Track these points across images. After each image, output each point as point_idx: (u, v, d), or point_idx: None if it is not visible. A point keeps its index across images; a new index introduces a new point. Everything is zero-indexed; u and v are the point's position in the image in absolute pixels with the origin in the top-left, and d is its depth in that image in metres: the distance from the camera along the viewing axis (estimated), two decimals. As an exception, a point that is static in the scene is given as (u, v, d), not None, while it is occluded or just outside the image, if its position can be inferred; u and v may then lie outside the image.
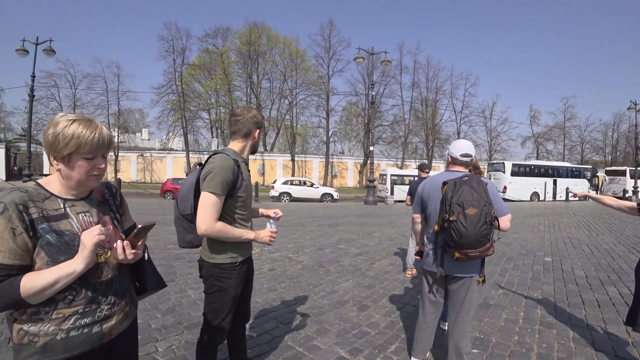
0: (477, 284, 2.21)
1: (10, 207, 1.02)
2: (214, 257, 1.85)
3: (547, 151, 45.37)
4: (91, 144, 1.11)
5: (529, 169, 26.01)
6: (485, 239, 1.99)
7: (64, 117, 1.12)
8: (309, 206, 16.84)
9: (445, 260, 2.17)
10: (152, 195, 20.94)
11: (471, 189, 2.02)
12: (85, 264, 1.06)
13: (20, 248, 1.02)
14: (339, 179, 40.84)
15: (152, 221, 1.26)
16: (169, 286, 4.12)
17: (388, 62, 20.32)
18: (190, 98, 38.45)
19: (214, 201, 1.71)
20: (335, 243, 7.24)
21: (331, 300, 3.95)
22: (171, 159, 38.32)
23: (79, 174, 1.13)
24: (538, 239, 8.19)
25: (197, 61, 39.09)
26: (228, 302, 1.88)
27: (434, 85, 42.14)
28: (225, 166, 1.75)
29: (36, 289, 1.00)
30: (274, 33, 40.98)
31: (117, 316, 1.23)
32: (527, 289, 4.49)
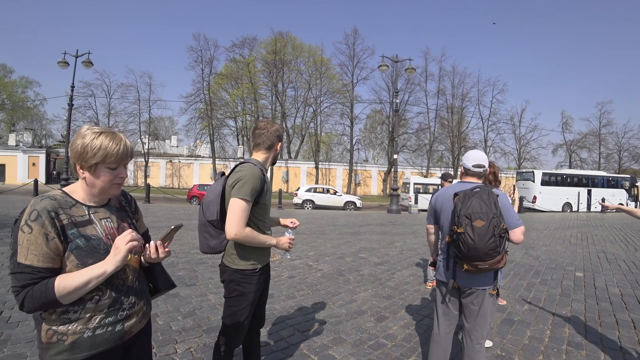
0: (490, 297, 2.15)
1: (43, 214, 1.09)
2: (236, 263, 1.93)
3: (580, 159, 43.13)
4: (116, 155, 1.20)
5: (560, 178, 24.88)
6: (495, 251, 1.95)
7: (90, 129, 1.21)
8: (332, 214, 16.82)
9: (457, 272, 2.14)
10: (179, 201, 21.55)
11: (480, 201, 2.00)
12: (116, 266, 1.14)
13: (53, 252, 1.09)
14: (362, 187, 40.64)
15: (180, 222, 1.35)
16: (190, 290, 4.26)
17: (413, 69, 20.17)
18: (217, 106, 39.55)
19: (244, 207, 1.81)
20: (356, 252, 7.19)
21: (349, 309, 3.92)
22: (198, 165, 39.40)
23: (103, 182, 1.22)
24: (569, 253, 7.82)
25: (225, 70, 40.28)
26: (247, 306, 1.95)
27: (460, 92, 41.40)
28: (254, 174, 1.86)
29: (70, 289, 1.08)
30: (299, 42, 41.72)
31: (136, 315, 1.32)
32: (555, 305, 4.29)
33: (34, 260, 1.06)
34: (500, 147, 41.77)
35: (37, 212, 1.09)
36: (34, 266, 1.06)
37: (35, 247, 1.06)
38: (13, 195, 19.58)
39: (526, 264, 6.50)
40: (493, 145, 41.58)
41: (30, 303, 1.05)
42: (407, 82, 38.89)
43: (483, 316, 2.15)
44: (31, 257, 1.06)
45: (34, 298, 1.05)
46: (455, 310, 2.28)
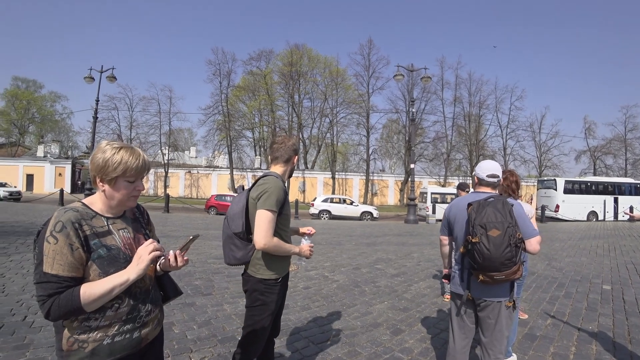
0: (507, 309, 2.09)
1: (68, 225, 1.14)
2: (260, 272, 1.99)
3: (606, 166, 41.41)
4: (135, 169, 1.26)
5: (584, 185, 23.95)
6: (511, 261, 1.91)
7: (110, 145, 1.27)
8: (348, 224, 16.73)
9: (472, 283, 2.09)
10: (197, 210, 21.90)
11: (495, 210, 1.97)
12: (138, 274, 1.19)
13: (77, 262, 1.13)
14: (379, 197, 40.31)
15: (197, 233, 1.42)
16: (206, 299, 4.30)
17: (428, 78, 20.07)
18: (235, 118, 40.27)
19: (270, 218, 1.89)
20: (373, 263, 7.11)
21: (364, 322, 3.87)
22: (216, 175, 40.03)
23: (121, 195, 1.28)
24: (595, 264, 7.50)
25: (242, 83, 41.09)
26: (268, 316, 2.01)
27: (477, 99, 40.75)
28: (278, 186, 1.96)
29: (94, 296, 1.12)
30: (315, 54, 42.25)
31: (152, 323, 1.36)
32: (581, 320, 4.11)
33: (59, 270, 1.10)
34: (520, 155, 40.80)
35: (62, 223, 1.14)
36: (60, 275, 1.10)
37: (61, 257, 1.11)
38: (40, 204, 20.34)
39: (549, 276, 6.27)
40: (512, 153, 40.68)
41: (56, 311, 1.09)
42: (423, 91, 38.64)
43: (500, 330, 2.09)
44: (57, 267, 1.10)
45: (60, 306, 1.09)
46: (471, 324, 2.22)
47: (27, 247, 6.88)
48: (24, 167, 37.55)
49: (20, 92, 44.94)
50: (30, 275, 4.94)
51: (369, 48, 39.86)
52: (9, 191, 25.25)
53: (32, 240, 4.95)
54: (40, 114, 46.36)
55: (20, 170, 37.19)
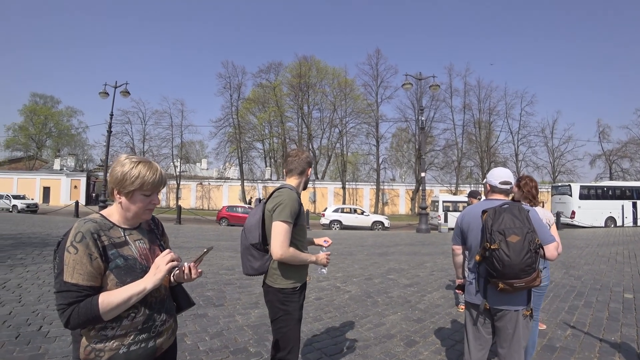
0: (524, 318, 2.03)
1: (87, 235, 1.18)
2: (278, 282, 2.02)
3: (622, 170, 40.17)
4: (152, 184, 1.30)
5: (601, 191, 23.30)
6: (531, 268, 1.86)
7: (129, 159, 1.31)
8: (359, 234, 16.62)
9: (489, 292, 2.04)
10: (208, 222, 22.04)
11: (512, 216, 1.94)
12: (155, 284, 1.22)
13: (96, 271, 1.17)
14: (390, 207, 40.02)
15: (211, 245, 1.47)
16: (218, 310, 4.29)
17: (437, 86, 20.07)
18: (246, 130, 40.72)
19: (286, 229, 1.93)
20: (385, 273, 7.03)
21: (377, 333, 3.81)
22: (227, 187, 40.37)
23: (137, 208, 1.32)
24: (615, 272, 7.27)
25: (252, 95, 41.66)
26: (295, 325, 2.05)
27: (486, 106, 40.42)
28: (293, 198, 2.00)
29: (112, 305, 1.15)
30: (323, 65, 42.70)
31: (166, 332, 1.38)
32: (603, 330, 3.97)
33: (79, 279, 1.14)
34: (533, 161, 40.11)
35: (81, 234, 1.18)
36: (80, 284, 1.13)
37: (81, 267, 1.14)
38: (56, 216, 20.78)
39: (567, 284, 6.10)
40: (525, 159, 40.04)
41: (76, 319, 1.12)
42: (432, 99, 38.54)
43: (518, 340, 2.03)
44: (77, 276, 1.14)
45: (80, 315, 1.12)
46: (487, 335, 2.17)
47: (43, 258, 7.00)
48: (41, 180, 38.61)
49: (38, 107, 46.53)
50: (45, 286, 5.02)
51: (376, 58, 40.13)
52: (26, 203, 25.99)
53: (48, 251, 5.09)
54: (57, 129, 47.79)
55: (37, 183, 38.28)
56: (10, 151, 45.57)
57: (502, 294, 1.99)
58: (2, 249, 7.67)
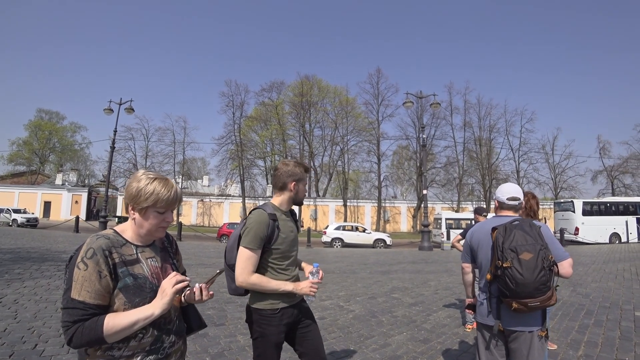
0: (539, 340, 1.94)
1: (99, 252, 1.15)
2: (255, 303, 1.92)
3: (624, 185, 40.18)
4: (166, 201, 1.27)
5: (604, 206, 23.12)
6: (545, 286, 1.79)
7: (146, 174, 1.29)
8: (361, 252, 16.44)
9: (502, 312, 1.96)
10: (209, 239, 21.88)
11: (524, 232, 1.88)
12: (162, 309, 1.18)
13: (104, 289, 1.13)
14: (392, 224, 39.79)
15: (222, 267, 1.49)
16: (219, 330, 4.18)
17: (437, 104, 20.28)
18: (248, 147, 41.00)
19: (248, 255, 1.84)
20: (389, 292, 6.89)
21: (383, 354, 3.68)
22: (228, 204, 40.32)
23: (150, 225, 1.28)
24: (624, 289, 7.11)
25: (254, 113, 42.15)
26: (270, 348, 1.89)
27: (487, 123, 40.76)
28: (259, 221, 1.87)
29: (117, 328, 1.11)
30: (325, 84, 43.39)
31: (175, 355, 1.32)
32: (616, 351, 3.83)
33: (86, 297, 1.10)
34: (534, 177, 40.14)
35: (93, 250, 1.15)
36: (86, 302, 1.10)
37: (89, 284, 1.10)
38: (55, 231, 20.64)
39: (575, 302, 5.95)
40: (526, 175, 40.04)
41: (78, 339, 1.08)
42: (432, 117, 38.94)
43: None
44: (84, 294, 1.10)
45: (84, 335, 1.08)
46: (500, 357, 2.07)
47: (41, 273, 6.90)
48: (42, 194, 38.73)
49: (43, 123, 47.12)
50: (42, 302, 4.91)
51: (377, 77, 40.78)
52: (26, 217, 25.91)
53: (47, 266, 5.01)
54: (60, 144, 48.25)
55: (38, 198, 38.39)
56: (14, 165, 45.88)
57: (516, 314, 1.91)
58: (0, 263, 7.58)
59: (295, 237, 2.06)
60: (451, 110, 40.64)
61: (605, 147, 41.70)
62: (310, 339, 2.04)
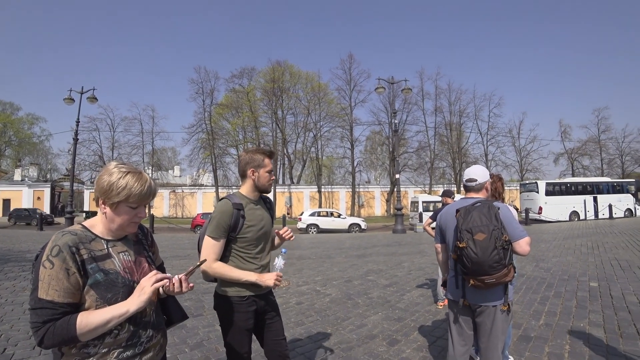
0: (502, 313, 2.09)
1: (65, 249, 1.11)
2: (222, 289, 1.94)
3: (583, 167, 42.75)
4: (139, 196, 1.22)
5: (565, 187, 24.70)
6: (500, 264, 1.92)
7: (118, 167, 1.23)
8: (337, 237, 16.68)
9: (467, 289, 2.10)
10: (183, 230, 21.48)
11: (480, 214, 2.00)
12: (139, 307, 1.15)
13: (73, 287, 1.09)
14: (366, 209, 40.44)
15: (203, 259, 1.48)
16: (197, 320, 4.18)
17: (409, 89, 20.53)
18: (219, 135, 40.08)
19: (211, 244, 1.88)
20: (364, 274, 7.08)
21: (360, 334, 3.82)
22: (201, 194, 39.55)
23: (122, 220, 1.24)
24: (581, 263, 7.66)
25: (225, 101, 41.05)
26: (238, 335, 1.93)
27: (457, 108, 41.69)
28: (222, 211, 1.90)
29: (91, 327, 1.08)
30: (296, 70, 42.70)
31: (154, 349, 1.30)
32: (572, 318, 4.16)
33: (54, 296, 1.07)
34: (502, 160, 41.71)
35: (58, 247, 1.11)
36: (55, 301, 1.06)
37: (57, 283, 1.07)
38: (18, 229, 19.61)
39: (538, 276, 6.36)
40: (494, 158, 41.54)
41: (50, 339, 1.05)
42: (404, 102, 39.40)
43: (497, 335, 2.09)
44: (52, 293, 1.07)
45: (55, 335, 1.05)
46: (469, 330, 2.22)
47: (4, 275, 6.58)
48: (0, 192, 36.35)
49: (-5, 115, 43.89)
50: (8, 305, 4.72)
51: (349, 62, 40.59)
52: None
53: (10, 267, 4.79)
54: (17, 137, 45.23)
55: (-4, 195, 36.06)
56: (-35, 162, 42.85)
57: (479, 290, 2.04)
58: (-43, 268, 7.15)
59: (266, 225, 2.06)
60: (422, 96, 41.34)
61: (567, 130, 43.98)
62: (274, 330, 2.07)
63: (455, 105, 41.65)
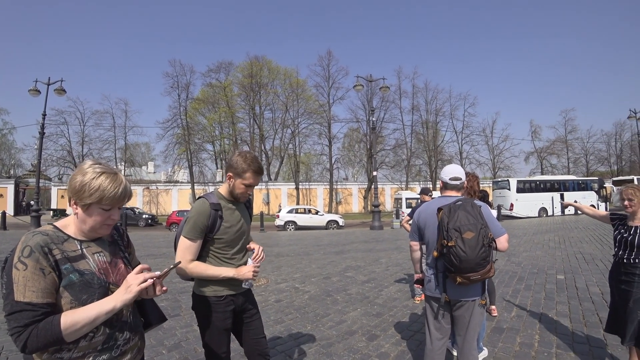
0: (480, 307, 2.17)
1: (37, 249, 1.06)
2: (200, 289, 1.93)
3: (551, 165, 45.05)
4: (112, 198, 1.18)
5: (534, 184, 25.76)
6: (485, 261, 1.99)
7: (92, 167, 1.18)
8: (315, 234, 16.73)
9: (448, 286, 2.15)
10: (157, 228, 20.93)
11: (466, 213, 2.04)
12: (124, 303, 1.12)
13: (51, 286, 1.06)
14: (344, 205, 40.72)
15: (178, 261, 1.44)
16: (174, 321, 4.09)
17: (387, 88, 20.76)
18: (195, 131, 39.27)
19: (187, 245, 1.85)
20: (342, 271, 7.14)
21: (339, 330, 3.86)
22: (177, 191, 38.62)
23: (94, 222, 1.20)
24: (549, 256, 8.03)
25: (201, 95, 40.23)
26: (217, 335, 1.92)
27: (433, 107, 42.76)
28: (199, 211, 1.87)
29: (77, 326, 1.04)
30: (275, 65, 42.26)
31: (131, 352, 1.27)
32: (541, 309, 4.36)
33: (32, 297, 1.02)
34: (475, 158, 43.12)
35: (29, 248, 1.06)
36: (34, 303, 1.02)
37: (33, 283, 1.03)
38: (-22, 233, 18.51)
39: (509, 270, 6.62)
40: (468, 157, 42.85)
41: (34, 343, 1.01)
42: (382, 100, 39.85)
43: (473, 327, 2.17)
44: (29, 294, 1.02)
45: (39, 337, 1.01)
46: (447, 324, 2.28)
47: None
48: (-43, 189, 34.24)
49: (-48, 107, 41.10)
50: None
51: (328, 59, 40.68)
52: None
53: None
54: (-24, 131, 42.58)
55: (-48, 193, 33.86)
56: None
57: (460, 286, 2.10)
58: None
59: (244, 226, 2.04)
60: (400, 94, 42.03)
61: (536, 130, 46.00)
62: (253, 329, 2.07)
63: (432, 104, 42.73)
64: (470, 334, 2.17)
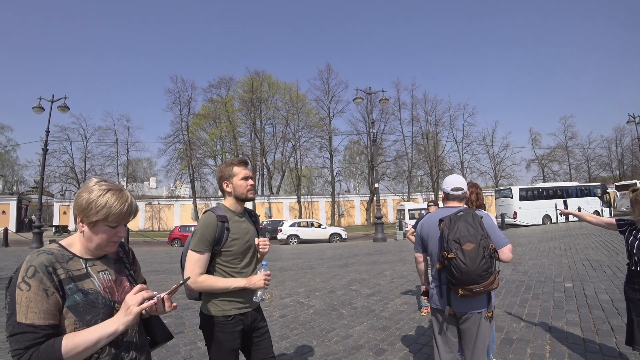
0: (486, 320, 2.12)
1: (41, 269, 1.05)
2: (207, 309, 1.89)
3: (552, 172, 44.94)
4: (118, 215, 1.18)
5: (537, 192, 25.68)
6: (487, 272, 1.95)
7: (98, 184, 1.19)
8: (318, 247, 16.62)
9: (452, 298, 2.11)
10: (160, 244, 20.85)
11: (466, 224, 2.01)
12: (126, 326, 1.11)
13: (54, 308, 1.05)
14: (346, 218, 40.56)
15: (187, 277, 1.42)
16: (178, 338, 4.04)
17: (386, 100, 20.94)
18: (197, 146, 39.49)
19: (195, 258, 1.83)
20: (347, 284, 7.06)
21: (346, 345, 3.79)
22: (178, 206, 38.62)
23: (100, 239, 1.20)
24: (555, 264, 7.93)
25: (202, 111, 40.58)
26: (225, 355, 1.89)
27: (433, 118, 42.88)
28: (206, 224, 1.86)
29: (79, 349, 1.03)
30: (275, 80, 42.75)
31: None
32: (551, 319, 4.28)
33: (35, 319, 1.01)
34: (477, 168, 43.06)
35: (34, 267, 1.05)
36: (36, 324, 1.01)
37: (36, 305, 1.02)
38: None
39: (516, 280, 6.53)
40: (469, 166, 42.80)
41: None
42: (382, 112, 40.10)
43: (482, 340, 2.12)
44: (32, 316, 1.01)
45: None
46: (454, 338, 2.23)
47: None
48: (-39, 205, 34.28)
49: (-43, 123, 41.48)
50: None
51: (327, 73, 41.04)
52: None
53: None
54: (-20, 147, 42.86)
55: (-44, 210, 33.89)
56: None
57: (464, 299, 2.06)
58: None
59: (252, 238, 2.03)
60: (399, 106, 42.27)
61: (536, 138, 46.07)
62: (262, 349, 2.03)
63: (431, 115, 42.88)
64: (479, 348, 2.12)
